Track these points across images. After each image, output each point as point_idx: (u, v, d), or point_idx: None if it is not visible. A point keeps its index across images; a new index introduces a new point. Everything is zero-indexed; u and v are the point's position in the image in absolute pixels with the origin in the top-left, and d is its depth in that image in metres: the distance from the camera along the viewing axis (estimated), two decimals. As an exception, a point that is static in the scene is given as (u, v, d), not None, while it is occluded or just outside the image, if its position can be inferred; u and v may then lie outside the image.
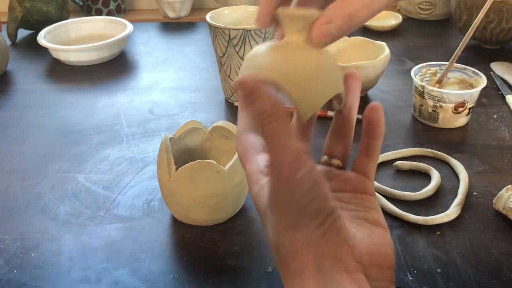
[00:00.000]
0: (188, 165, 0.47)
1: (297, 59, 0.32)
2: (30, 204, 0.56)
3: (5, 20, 1.08)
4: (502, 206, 0.51)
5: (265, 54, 0.32)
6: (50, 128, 0.72)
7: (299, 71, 0.31)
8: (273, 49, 0.32)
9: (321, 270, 0.29)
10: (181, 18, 1.17)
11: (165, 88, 0.83)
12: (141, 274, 0.47)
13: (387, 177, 0.59)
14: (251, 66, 0.32)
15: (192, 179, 0.47)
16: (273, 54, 0.32)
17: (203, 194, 0.48)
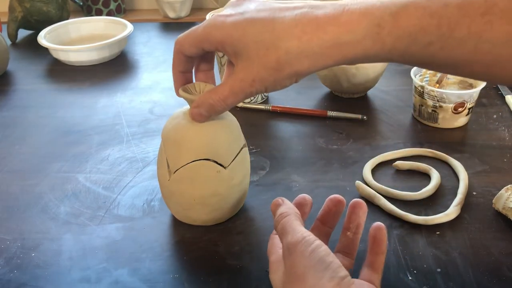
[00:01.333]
0: (188, 165, 0.47)
1: (176, 131, 0.47)
2: (30, 204, 0.56)
3: (5, 20, 1.08)
4: (501, 206, 0.51)
5: (170, 119, 0.49)
6: (50, 128, 0.72)
7: (175, 139, 0.47)
8: (176, 117, 0.48)
9: None
10: (181, 18, 1.17)
11: (165, 88, 0.83)
12: (141, 274, 0.47)
13: (387, 177, 0.59)
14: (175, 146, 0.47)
15: (192, 179, 0.47)
16: (171, 121, 0.48)
17: (203, 194, 0.48)
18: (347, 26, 0.37)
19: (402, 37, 0.36)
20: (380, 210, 0.53)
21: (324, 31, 0.37)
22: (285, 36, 0.39)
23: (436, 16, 0.35)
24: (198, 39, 0.43)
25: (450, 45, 0.36)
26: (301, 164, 0.61)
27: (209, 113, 0.45)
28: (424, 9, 0.36)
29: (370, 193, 0.54)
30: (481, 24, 0.35)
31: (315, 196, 0.56)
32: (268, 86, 0.41)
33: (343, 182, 0.58)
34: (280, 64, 0.39)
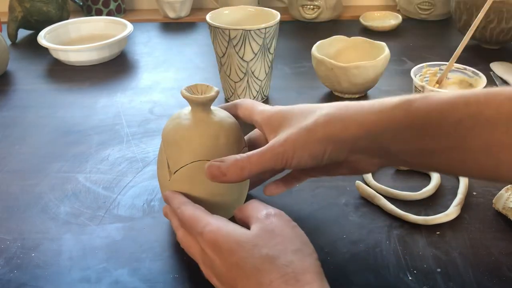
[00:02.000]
0: (188, 165, 0.47)
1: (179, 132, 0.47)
2: (30, 204, 0.56)
3: (5, 20, 1.08)
4: (501, 206, 0.51)
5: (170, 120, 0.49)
6: (50, 128, 0.72)
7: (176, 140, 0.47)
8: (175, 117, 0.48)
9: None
10: (181, 18, 1.17)
11: (165, 88, 0.83)
12: (141, 274, 0.47)
13: (387, 177, 0.59)
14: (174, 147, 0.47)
15: (192, 180, 0.47)
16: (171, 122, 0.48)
17: (203, 194, 0.48)
18: (381, 101, 0.40)
19: (431, 111, 0.37)
20: (380, 210, 0.53)
21: (361, 105, 0.40)
22: (326, 106, 0.42)
23: (464, 97, 0.36)
24: (253, 111, 0.47)
25: (481, 124, 0.35)
26: (301, 164, 0.61)
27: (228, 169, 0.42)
28: (452, 92, 0.38)
29: (370, 193, 0.54)
30: (510, 105, 0.35)
31: (315, 196, 0.56)
32: (296, 149, 0.40)
33: (343, 182, 0.58)
34: (316, 123, 0.40)
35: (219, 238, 0.39)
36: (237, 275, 0.37)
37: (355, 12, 1.17)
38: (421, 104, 0.37)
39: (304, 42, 0.97)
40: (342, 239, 0.50)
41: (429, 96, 0.38)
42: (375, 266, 0.47)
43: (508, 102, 0.35)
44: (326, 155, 0.40)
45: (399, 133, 0.38)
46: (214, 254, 0.39)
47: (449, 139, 0.37)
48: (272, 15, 0.72)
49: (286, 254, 0.37)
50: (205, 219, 0.41)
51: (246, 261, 0.37)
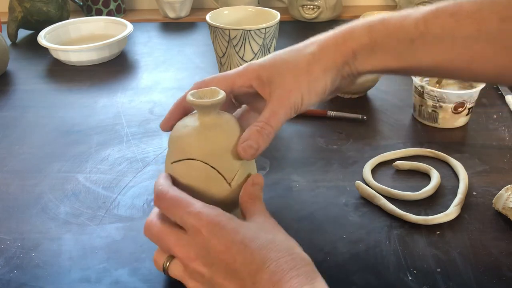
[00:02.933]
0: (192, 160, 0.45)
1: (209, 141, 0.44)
2: (30, 204, 0.56)
3: (5, 20, 1.08)
4: (501, 206, 0.51)
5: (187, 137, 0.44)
6: (50, 128, 0.72)
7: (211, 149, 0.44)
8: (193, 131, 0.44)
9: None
10: (181, 18, 1.17)
11: (165, 88, 0.83)
12: (141, 274, 0.47)
13: (387, 177, 0.59)
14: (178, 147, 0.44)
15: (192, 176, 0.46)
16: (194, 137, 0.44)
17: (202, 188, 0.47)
18: (350, 27, 0.45)
19: (388, 35, 0.43)
20: (380, 210, 0.53)
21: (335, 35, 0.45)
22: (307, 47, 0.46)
23: (413, 18, 0.42)
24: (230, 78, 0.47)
25: (429, 42, 0.41)
26: (301, 164, 0.61)
27: (258, 143, 0.43)
28: (404, 14, 0.43)
29: (370, 193, 0.54)
30: (452, 23, 0.40)
31: (315, 196, 0.56)
32: (303, 93, 0.44)
33: (343, 182, 0.58)
34: (309, 64, 0.44)
35: (222, 219, 0.39)
36: (240, 253, 0.37)
37: (355, 12, 1.17)
38: (380, 28, 0.43)
39: (304, 42, 0.97)
40: (342, 239, 0.50)
41: (385, 20, 0.43)
42: (375, 266, 0.47)
43: (449, 19, 0.40)
44: (327, 88, 0.45)
45: (367, 56, 0.44)
46: (213, 233, 0.38)
47: (405, 58, 0.43)
48: (272, 15, 0.72)
49: (291, 244, 0.39)
50: (197, 202, 0.40)
51: (252, 240, 0.37)
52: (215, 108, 0.45)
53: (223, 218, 0.39)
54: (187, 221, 0.39)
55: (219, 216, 0.39)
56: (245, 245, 0.37)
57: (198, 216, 0.39)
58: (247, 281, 0.36)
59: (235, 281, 0.37)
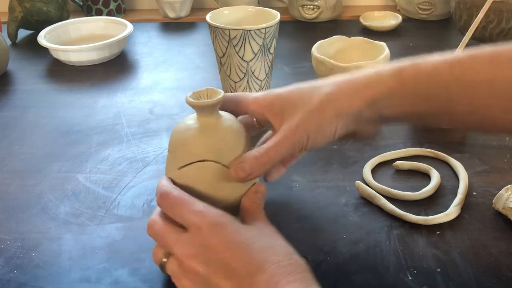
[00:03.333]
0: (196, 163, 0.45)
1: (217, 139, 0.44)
2: (30, 204, 0.56)
3: (5, 20, 1.08)
4: (501, 206, 0.51)
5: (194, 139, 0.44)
6: (50, 128, 0.72)
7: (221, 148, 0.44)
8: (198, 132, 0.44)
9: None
10: (181, 18, 1.17)
11: (165, 88, 0.83)
12: (141, 274, 0.47)
13: (387, 177, 0.59)
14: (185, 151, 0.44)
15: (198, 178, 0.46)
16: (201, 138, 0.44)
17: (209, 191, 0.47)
18: (376, 73, 0.43)
19: (420, 78, 0.41)
20: (380, 210, 0.53)
21: (357, 79, 0.43)
22: (325, 85, 0.44)
23: (449, 62, 0.40)
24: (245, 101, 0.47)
25: (465, 88, 0.39)
26: (301, 164, 0.61)
27: (251, 169, 0.43)
28: (438, 58, 0.41)
29: (370, 193, 0.54)
30: (491, 68, 0.39)
31: (315, 196, 0.56)
32: (310, 133, 0.43)
33: (343, 182, 0.58)
34: (322, 105, 0.43)
35: (225, 220, 0.39)
36: (240, 253, 0.37)
37: (355, 12, 1.17)
38: (410, 72, 0.41)
39: (304, 42, 0.97)
40: (342, 239, 0.50)
41: (417, 64, 0.42)
42: (375, 266, 0.47)
43: (488, 64, 0.39)
44: (337, 132, 0.43)
45: (394, 101, 0.42)
46: (214, 232, 0.38)
47: (438, 103, 0.41)
48: (272, 15, 0.72)
49: (290, 250, 0.39)
50: (200, 203, 0.41)
51: (253, 242, 0.38)
52: (216, 108, 0.45)
53: (225, 218, 0.39)
54: (189, 220, 0.40)
55: (221, 217, 0.39)
56: (246, 246, 0.37)
57: (200, 215, 0.39)
58: (244, 281, 0.36)
59: (232, 281, 0.36)
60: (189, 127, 0.45)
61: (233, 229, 0.39)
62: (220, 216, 0.40)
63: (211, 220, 0.39)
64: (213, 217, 0.39)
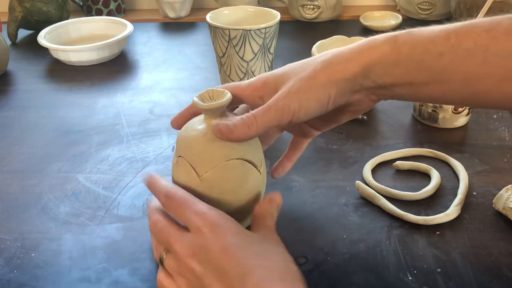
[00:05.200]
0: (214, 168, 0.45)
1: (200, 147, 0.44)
2: (30, 204, 0.56)
3: (5, 20, 1.08)
4: (501, 206, 0.51)
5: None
6: (50, 128, 0.72)
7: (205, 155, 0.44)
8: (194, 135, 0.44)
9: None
10: (181, 18, 1.17)
11: (165, 88, 0.83)
12: (141, 274, 0.47)
13: (387, 177, 0.59)
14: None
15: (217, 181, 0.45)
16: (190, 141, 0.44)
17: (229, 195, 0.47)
18: (370, 40, 0.42)
19: (415, 46, 0.40)
20: (380, 210, 0.53)
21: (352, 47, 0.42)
22: (320, 57, 0.43)
23: (444, 31, 0.39)
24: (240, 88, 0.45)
25: (459, 56, 0.38)
26: (301, 164, 0.61)
27: (235, 129, 0.42)
28: (434, 27, 0.40)
29: (370, 193, 0.54)
30: (487, 39, 0.38)
31: (315, 196, 0.56)
32: (302, 98, 0.41)
33: (343, 182, 0.58)
34: (315, 71, 0.42)
35: (225, 221, 0.39)
36: (235, 254, 0.37)
37: (355, 12, 1.17)
38: (405, 39, 0.40)
39: (304, 42, 0.97)
40: (342, 239, 0.50)
41: (412, 31, 0.40)
42: (375, 266, 0.47)
43: (484, 34, 0.38)
44: (331, 99, 0.42)
45: (389, 68, 0.41)
46: (214, 232, 0.38)
47: (431, 72, 0.40)
48: (272, 15, 0.72)
49: (287, 257, 0.39)
50: (202, 204, 0.41)
51: (249, 245, 0.38)
52: (225, 108, 0.44)
53: (225, 220, 0.39)
54: (191, 220, 0.40)
55: (222, 219, 0.39)
56: (241, 249, 0.37)
57: (203, 216, 0.39)
58: (235, 284, 0.36)
59: (225, 282, 0.36)
60: (203, 131, 0.44)
61: (233, 232, 0.39)
62: (221, 218, 0.40)
63: (212, 222, 0.39)
64: (214, 218, 0.39)
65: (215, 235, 0.38)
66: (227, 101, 0.44)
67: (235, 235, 0.38)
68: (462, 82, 0.40)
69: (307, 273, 0.46)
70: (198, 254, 0.38)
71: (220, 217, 0.40)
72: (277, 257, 0.38)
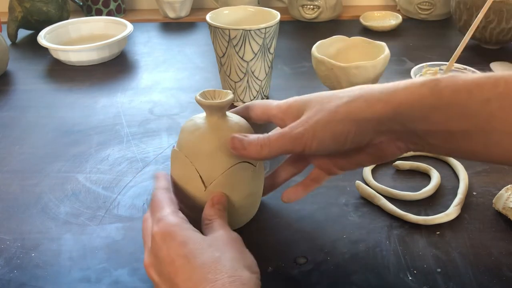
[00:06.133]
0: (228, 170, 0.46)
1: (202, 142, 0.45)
2: (30, 204, 0.56)
3: (5, 20, 1.08)
4: (501, 206, 0.51)
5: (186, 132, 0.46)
6: (50, 128, 0.72)
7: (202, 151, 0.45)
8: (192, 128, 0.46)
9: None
10: (181, 18, 1.17)
11: (165, 88, 0.83)
12: (141, 274, 0.47)
13: (387, 177, 0.59)
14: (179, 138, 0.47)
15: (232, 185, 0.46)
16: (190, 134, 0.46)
17: (242, 196, 0.47)
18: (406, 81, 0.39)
19: (459, 91, 0.36)
20: (380, 210, 0.53)
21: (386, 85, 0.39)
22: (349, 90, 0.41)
23: (493, 78, 0.36)
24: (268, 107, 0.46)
25: (508, 105, 0.35)
26: (301, 164, 0.61)
27: (249, 148, 0.42)
28: (480, 74, 0.37)
29: (370, 193, 0.54)
30: None
31: (315, 196, 0.56)
32: (317, 130, 0.39)
33: (343, 182, 0.58)
34: (338, 106, 0.39)
35: (176, 230, 0.38)
36: (181, 268, 0.36)
37: (355, 12, 1.17)
38: (448, 83, 0.37)
39: (304, 42, 0.97)
40: (342, 239, 0.50)
41: (456, 76, 0.37)
42: (375, 266, 0.47)
43: None
44: (349, 137, 0.39)
45: (425, 113, 0.37)
46: (164, 242, 0.38)
47: (475, 120, 0.36)
48: (272, 15, 0.72)
49: (237, 264, 0.37)
50: (169, 208, 0.41)
51: (196, 256, 0.36)
52: (223, 109, 0.46)
53: (176, 228, 0.39)
54: (152, 226, 0.40)
55: (173, 226, 0.39)
56: (188, 261, 0.36)
57: (157, 223, 0.40)
58: None
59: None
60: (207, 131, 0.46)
61: (181, 241, 0.38)
62: (173, 225, 0.39)
63: (162, 230, 0.39)
64: (165, 226, 0.39)
65: (164, 244, 0.38)
66: (228, 102, 0.45)
67: (182, 244, 0.38)
68: (509, 133, 0.36)
69: (307, 273, 0.46)
70: (154, 265, 0.39)
71: (172, 224, 0.39)
72: (226, 267, 0.36)
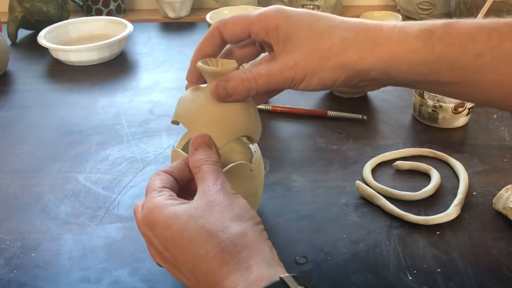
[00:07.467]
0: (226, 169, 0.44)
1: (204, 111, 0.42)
2: (30, 204, 0.56)
3: (5, 20, 1.08)
4: (501, 206, 0.51)
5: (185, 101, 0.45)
6: (50, 128, 0.72)
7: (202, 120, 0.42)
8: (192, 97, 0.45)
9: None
10: (181, 18, 1.17)
11: (165, 88, 0.83)
12: (141, 274, 0.47)
13: (387, 177, 0.59)
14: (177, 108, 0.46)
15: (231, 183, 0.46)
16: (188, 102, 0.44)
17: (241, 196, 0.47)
18: (401, 28, 0.38)
19: (452, 44, 0.36)
20: (380, 210, 0.53)
21: (381, 30, 0.38)
22: (343, 27, 0.39)
23: (487, 28, 0.36)
24: (249, 21, 0.41)
25: (500, 58, 0.35)
26: (301, 164, 0.61)
27: (235, 91, 0.40)
28: (475, 22, 0.37)
29: (370, 193, 0.54)
30: None
31: (315, 196, 0.56)
32: (308, 74, 0.39)
33: (343, 182, 0.58)
34: (331, 51, 0.38)
35: (156, 214, 0.36)
36: (174, 251, 0.35)
37: (355, 12, 1.17)
38: (442, 34, 0.36)
39: (304, 42, 0.97)
40: (342, 239, 0.50)
41: (451, 25, 0.37)
42: (375, 266, 0.47)
43: None
44: (337, 83, 0.40)
45: (415, 66, 0.37)
46: (150, 231, 0.36)
47: (465, 72, 0.36)
48: (272, 15, 0.72)
49: (223, 222, 0.34)
50: (151, 193, 0.38)
51: (181, 234, 0.34)
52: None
53: (157, 211, 0.36)
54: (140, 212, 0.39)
55: (153, 210, 0.36)
56: (176, 243, 0.35)
57: (141, 212, 0.37)
58: (190, 279, 0.35)
59: (186, 276, 0.35)
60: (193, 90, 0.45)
61: (163, 225, 0.35)
62: (152, 209, 0.36)
63: (145, 218, 0.37)
64: (146, 213, 0.37)
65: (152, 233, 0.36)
66: (232, 70, 0.42)
67: (166, 229, 0.35)
68: (495, 84, 0.36)
69: (307, 273, 0.46)
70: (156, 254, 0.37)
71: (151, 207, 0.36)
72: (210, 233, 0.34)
